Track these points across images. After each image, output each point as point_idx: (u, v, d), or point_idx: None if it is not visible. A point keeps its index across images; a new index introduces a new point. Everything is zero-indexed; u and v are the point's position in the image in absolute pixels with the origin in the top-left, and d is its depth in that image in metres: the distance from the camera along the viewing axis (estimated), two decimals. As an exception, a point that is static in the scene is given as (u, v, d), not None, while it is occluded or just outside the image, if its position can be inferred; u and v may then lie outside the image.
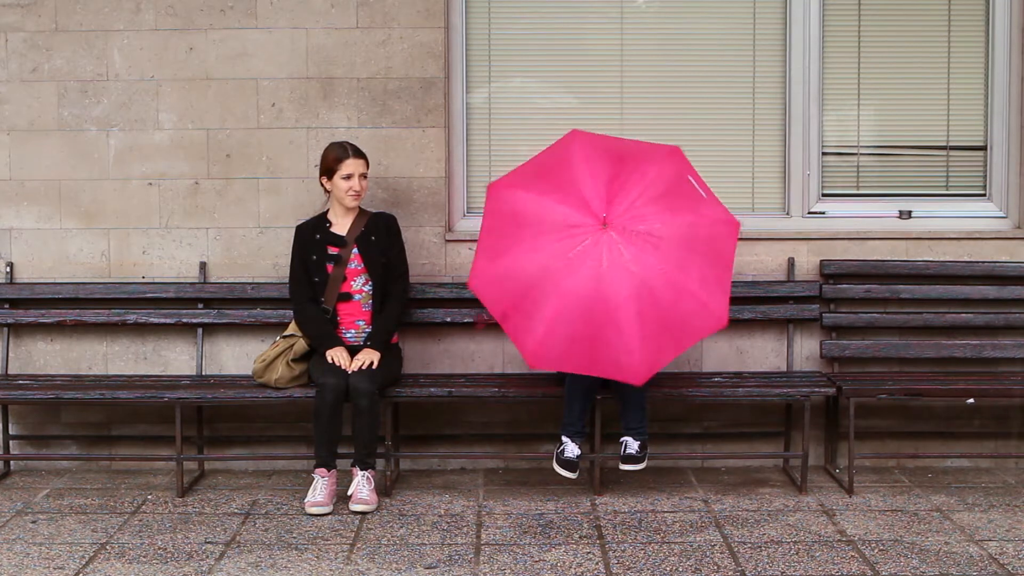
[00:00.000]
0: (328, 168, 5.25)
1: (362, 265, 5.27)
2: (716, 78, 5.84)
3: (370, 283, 5.29)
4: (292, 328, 5.34)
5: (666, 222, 4.78)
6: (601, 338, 4.71)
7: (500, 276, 4.84)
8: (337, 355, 5.12)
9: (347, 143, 5.29)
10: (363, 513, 5.00)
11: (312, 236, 5.30)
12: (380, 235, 5.31)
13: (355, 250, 5.26)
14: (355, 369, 5.05)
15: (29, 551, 4.59)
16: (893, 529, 4.80)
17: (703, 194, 4.92)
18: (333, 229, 5.30)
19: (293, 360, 5.23)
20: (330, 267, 5.26)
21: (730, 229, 4.90)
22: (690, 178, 4.93)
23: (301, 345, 5.25)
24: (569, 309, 4.70)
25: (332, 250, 5.27)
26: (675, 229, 4.78)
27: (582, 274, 4.70)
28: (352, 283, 5.28)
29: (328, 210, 5.36)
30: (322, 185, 5.32)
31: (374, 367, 5.09)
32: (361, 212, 5.34)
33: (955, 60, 5.85)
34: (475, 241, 5.14)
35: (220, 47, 5.63)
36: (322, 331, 5.22)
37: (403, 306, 5.37)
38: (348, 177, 5.20)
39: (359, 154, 5.26)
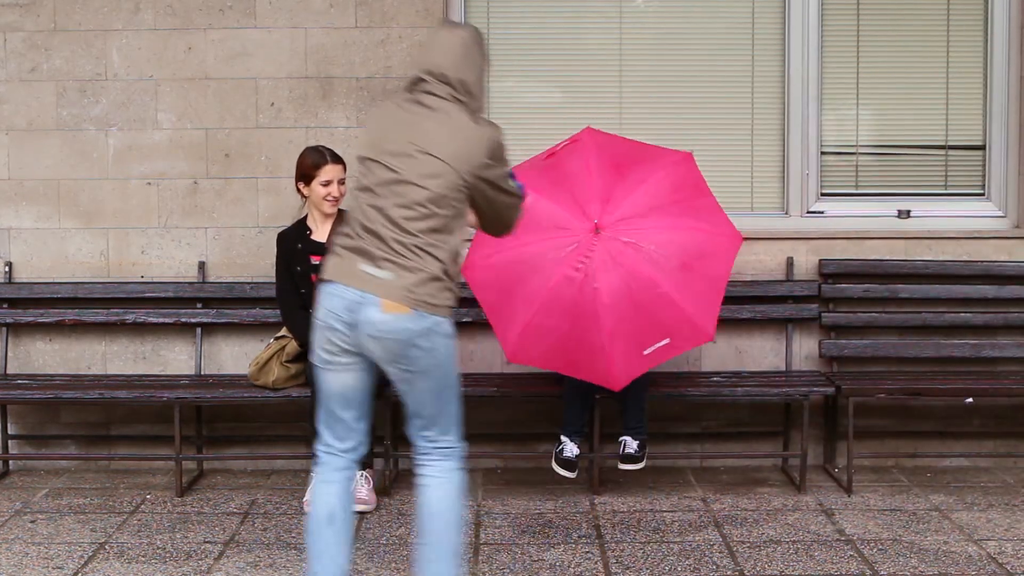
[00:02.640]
0: (305, 174, 5.14)
1: None
2: (715, 78, 5.85)
3: None
4: (285, 329, 5.33)
5: (660, 231, 4.75)
6: (582, 341, 4.71)
7: (491, 267, 4.86)
8: None
9: (324, 148, 5.18)
10: (362, 513, 5.00)
11: (294, 246, 5.22)
12: None
13: None
14: None
15: (28, 551, 4.59)
16: (892, 528, 4.80)
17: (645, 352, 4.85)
18: (314, 237, 5.22)
19: (288, 360, 5.22)
20: (314, 277, 5.22)
21: (731, 243, 4.88)
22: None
23: (293, 346, 5.24)
24: (552, 309, 4.70)
25: (315, 259, 5.21)
26: (668, 241, 4.76)
27: (567, 276, 4.69)
28: None
29: (307, 216, 5.28)
30: (299, 191, 5.22)
31: None
32: (340, 214, 5.29)
33: (954, 60, 5.85)
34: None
35: (219, 47, 5.63)
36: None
37: None
38: (327, 184, 5.09)
39: (337, 159, 5.16)
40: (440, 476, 3.64)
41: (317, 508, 3.63)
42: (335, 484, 3.66)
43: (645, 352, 4.75)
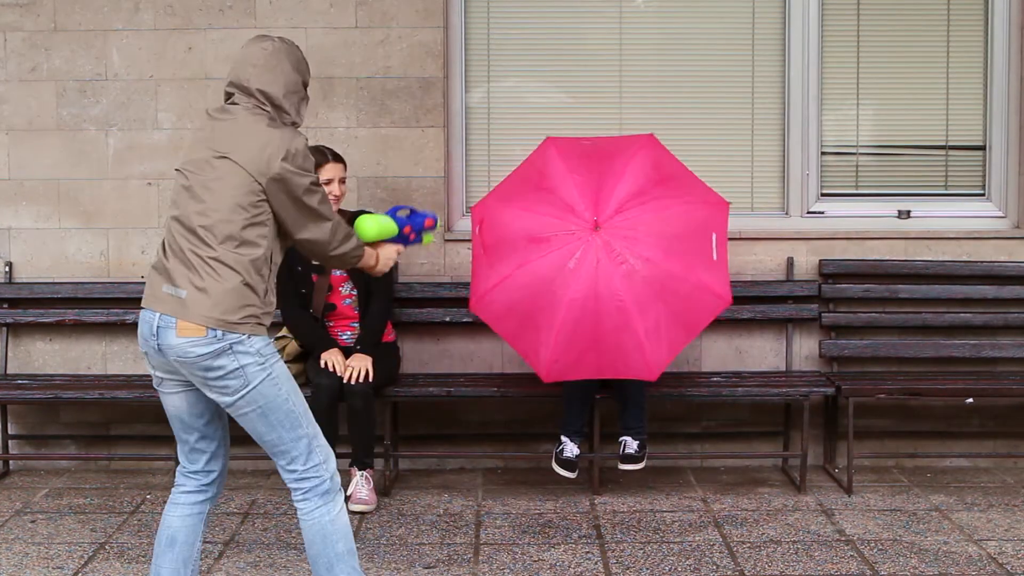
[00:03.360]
0: None
1: (345, 272, 5.23)
2: (715, 78, 5.84)
3: (356, 288, 5.26)
4: (285, 329, 5.32)
5: (655, 213, 4.76)
6: (610, 341, 4.70)
7: (500, 295, 4.82)
8: (331, 359, 5.08)
9: (325, 147, 5.16)
10: (362, 513, 4.99)
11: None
12: None
13: None
14: (347, 378, 5.02)
15: (28, 551, 4.59)
16: (892, 529, 4.80)
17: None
18: None
19: (288, 360, 5.21)
20: (315, 276, 5.22)
21: (720, 208, 4.88)
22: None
23: (294, 346, 5.24)
24: (575, 318, 4.68)
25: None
26: (665, 220, 4.76)
27: (582, 282, 4.68)
28: (340, 289, 5.25)
29: None
30: None
31: (369, 375, 5.04)
32: (340, 214, 5.29)
33: (954, 60, 5.85)
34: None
35: (219, 47, 5.63)
36: (315, 335, 5.19)
37: (388, 303, 5.32)
38: (328, 182, 5.07)
39: (338, 159, 5.16)
40: (307, 518, 3.49)
41: (160, 529, 3.57)
42: (181, 507, 3.57)
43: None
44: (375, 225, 3.78)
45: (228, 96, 3.53)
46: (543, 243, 4.75)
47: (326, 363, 5.06)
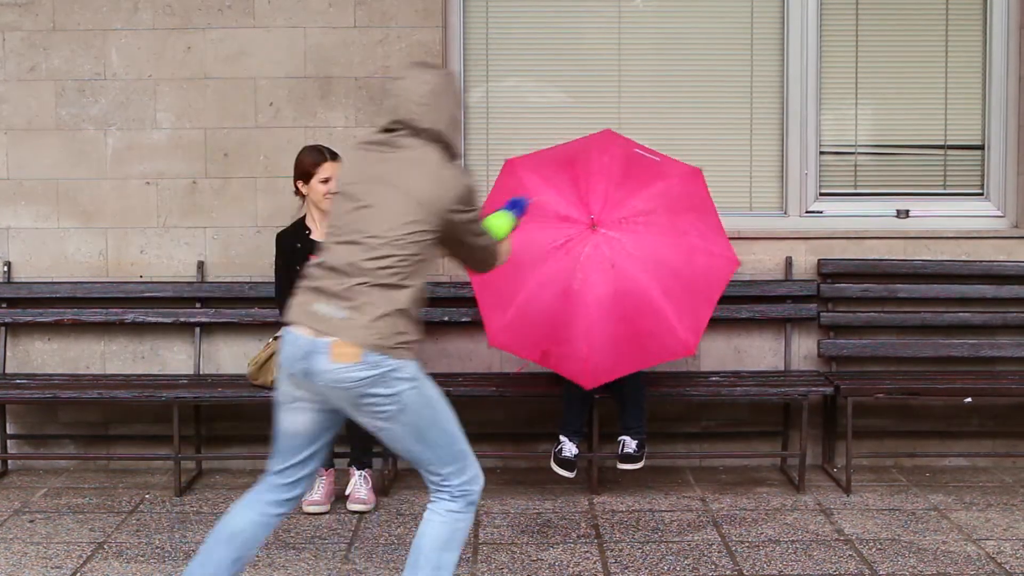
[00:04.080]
0: (305, 172, 5.12)
1: None
2: (714, 78, 5.85)
3: None
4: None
5: (643, 197, 4.80)
6: (643, 330, 4.74)
7: (518, 323, 4.83)
8: None
9: (322, 147, 5.16)
10: (361, 513, 5.00)
11: (293, 245, 5.20)
12: None
13: None
14: None
15: (27, 550, 4.59)
16: (891, 528, 4.80)
17: (656, 159, 4.95)
18: (313, 236, 5.19)
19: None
20: None
21: (697, 179, 4.96)
22: (637, 150, 4.95)
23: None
24: (601, 319, 4.70)
25: (313, 259, 5.21)
26: (654, 199, 4.81)
27: (597, 283, 4.69)
28: None
29: (305, 215, 5.28)
30: (297, 190, 5.20)
31: None
32: None
33: (953, 59, 5.85)
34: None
35: (218, 46, 5.63)
36: None
37: None
38: (326, 181, 5.06)
39: (336, 158, 5.14)
40: (436, 515, 3.46)
41: (225, 521, 3.47)
42: (253, 512, 3.49)
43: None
44: (505, 224, 3.82)
45: (387, 130, 3.49)
46: (550, 256, 4.77)
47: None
